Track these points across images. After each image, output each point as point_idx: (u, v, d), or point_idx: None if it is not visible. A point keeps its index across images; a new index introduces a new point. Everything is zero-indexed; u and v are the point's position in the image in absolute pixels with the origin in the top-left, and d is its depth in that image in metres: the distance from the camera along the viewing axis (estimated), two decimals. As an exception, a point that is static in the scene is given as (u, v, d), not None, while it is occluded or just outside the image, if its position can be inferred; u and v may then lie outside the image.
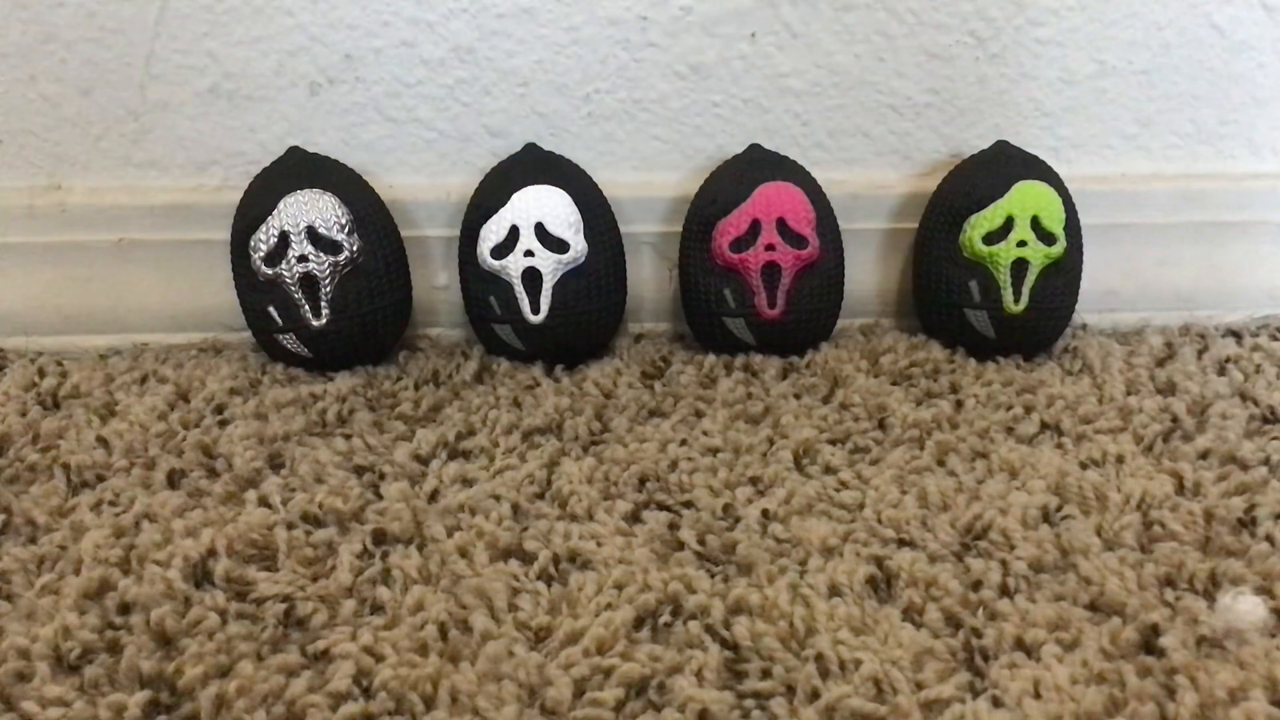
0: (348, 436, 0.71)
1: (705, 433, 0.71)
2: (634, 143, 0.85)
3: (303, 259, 0.77)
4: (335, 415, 0.73)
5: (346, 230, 0.77)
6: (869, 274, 0.88)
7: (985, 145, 0.85)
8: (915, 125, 0.86)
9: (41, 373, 0.79)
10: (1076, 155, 0.87)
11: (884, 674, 0.50)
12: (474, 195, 0.81)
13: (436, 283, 0.86)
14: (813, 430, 0.71)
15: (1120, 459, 0.68)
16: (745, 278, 0.80)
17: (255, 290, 0.78)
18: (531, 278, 0.78)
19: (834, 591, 0.56)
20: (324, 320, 0.77)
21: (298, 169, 0.79)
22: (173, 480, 0.66)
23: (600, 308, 0.80)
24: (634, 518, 0.63)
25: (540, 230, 0.78)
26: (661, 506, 0.64)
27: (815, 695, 0.49)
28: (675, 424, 0.72)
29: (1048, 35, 0.83)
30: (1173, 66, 0.85)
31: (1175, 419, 0.73)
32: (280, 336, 0.78)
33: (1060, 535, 0.60)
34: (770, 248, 0.79)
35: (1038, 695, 0.49)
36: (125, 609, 0.54)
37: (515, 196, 0.78)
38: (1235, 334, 0.87)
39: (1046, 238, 0.79)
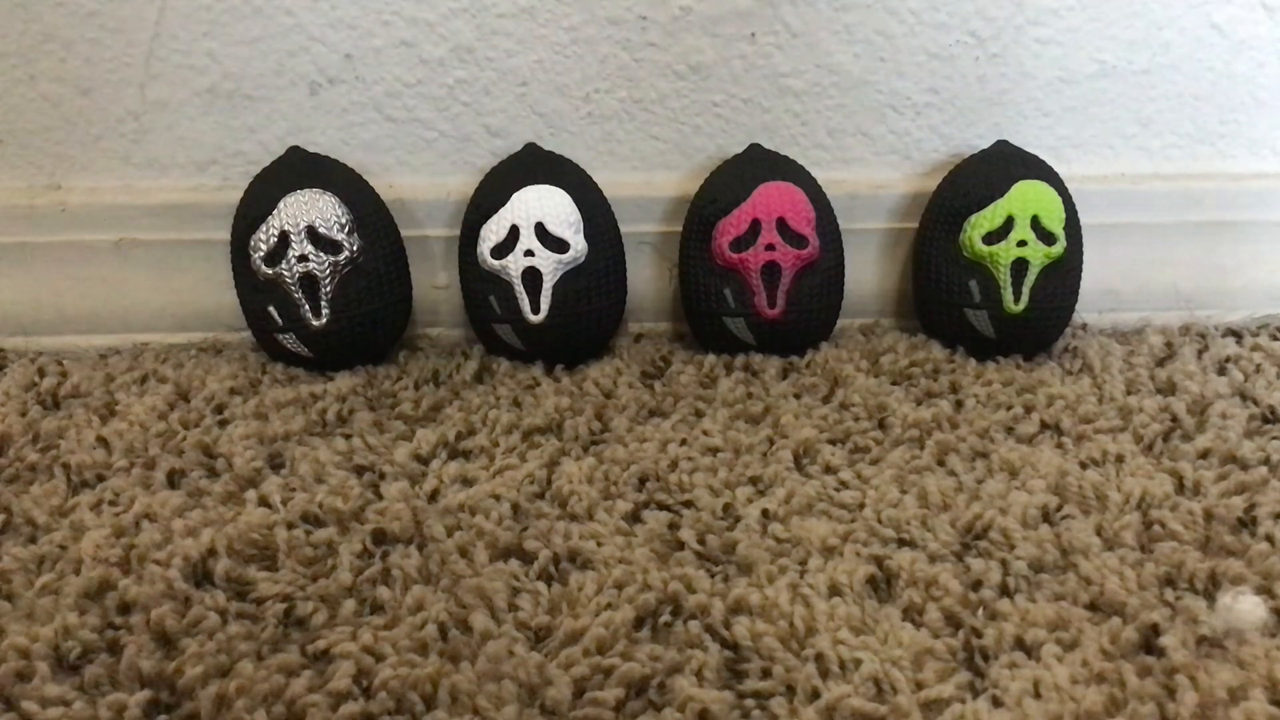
0: (348, 436, 0.71)
1: (705, 432, 0.71)
2: (634, 143, 0.85)
3: (303, 259, 0.77)
4: (335, 415, 0.73)
5: (346, 230, 0.77)
6: (869, 274, 0.88)
7: (985, 145, 0.85)
8: (915, 125, 0.86)
9: (41, 373, 0.79)
10: (1076, 155, 0.87)
11: (884, 674, 0.50)
12: (474, 195, 0.81)
13: (436, 283, 0.86)
14: (813, 430, 0.71)
15: (1120, 459, 0.68)
16: (745, 277, 0.80)
17: (255, 290, 0.78)
18: (531, 277, 0.78)
19: (834, 591, 0.56)
20: (324, 320, 0.77)
21: (298, 169, 0.79)
22: (173, 480, 0.66)
23: (600, 308, 0.80)
24: (634, 517, 0.63)
25: (540, 230, 0.78)
26: (661, 506, 0.64)
27: (815, 695, 0.49)
28: (675, 424, 0.72)
29: (1048, 35, 0.83)
30: (1173, 66, 0.85)
31: (1175, 419, 0.73)
32: (280, 336, 0.78)
33: (1060, 535, 0.60)
34: (770, 247, 0.79)
35: (1038, 695, 0.49)
36: (125, 609, 0.54)
37: (515, 196, 0.78)
38: (1235, 334, 0.87)
39: (1046, 237, 0.79)
